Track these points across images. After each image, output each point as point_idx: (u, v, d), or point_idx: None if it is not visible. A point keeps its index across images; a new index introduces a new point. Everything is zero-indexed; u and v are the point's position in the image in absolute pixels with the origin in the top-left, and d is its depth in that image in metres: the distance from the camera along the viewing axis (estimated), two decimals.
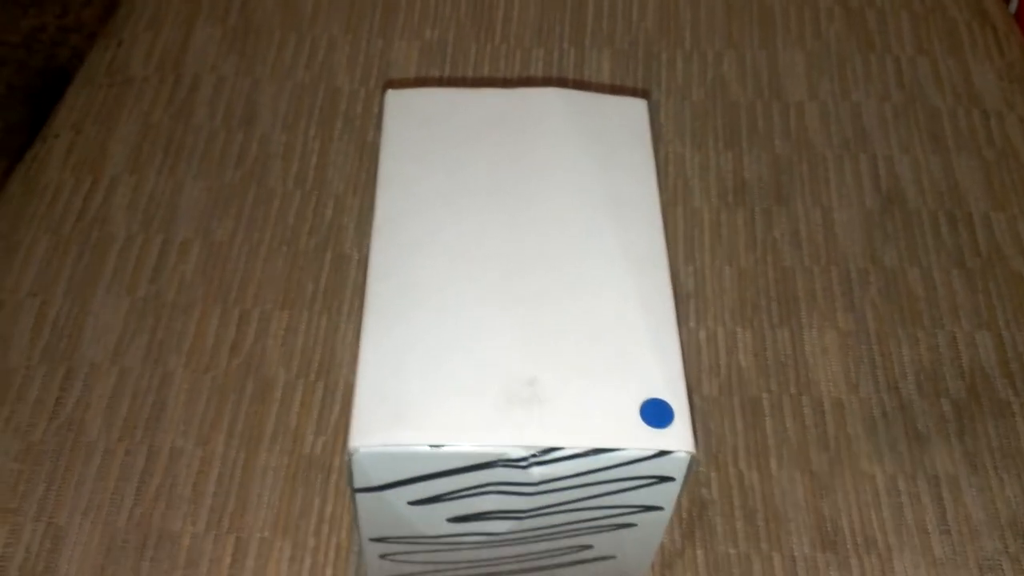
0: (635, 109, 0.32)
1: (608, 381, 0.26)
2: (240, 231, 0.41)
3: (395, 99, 0.31)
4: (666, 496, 0.26)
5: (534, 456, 0.25)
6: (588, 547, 0.28)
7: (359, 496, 0.26)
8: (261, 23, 0.48)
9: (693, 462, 0.25)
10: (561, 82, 0.47)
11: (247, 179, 0.43)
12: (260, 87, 0.46)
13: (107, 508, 0.33)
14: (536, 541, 0.28)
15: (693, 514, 0.34)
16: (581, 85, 0.47)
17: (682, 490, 0.26)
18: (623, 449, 0.24)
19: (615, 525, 0.27)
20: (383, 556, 0.28)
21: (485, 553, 0.28)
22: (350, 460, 0.25)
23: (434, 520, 0.27)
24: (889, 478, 0.35)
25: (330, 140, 0.44)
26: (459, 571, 0.29)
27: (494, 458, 0.25)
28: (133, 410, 0.35)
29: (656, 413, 0.25)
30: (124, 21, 0.49)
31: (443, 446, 0.24)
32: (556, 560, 0.29)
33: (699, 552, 0.33)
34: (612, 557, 0.29)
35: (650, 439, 0.25)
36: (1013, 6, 0.58)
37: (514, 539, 0.27)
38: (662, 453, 0.25)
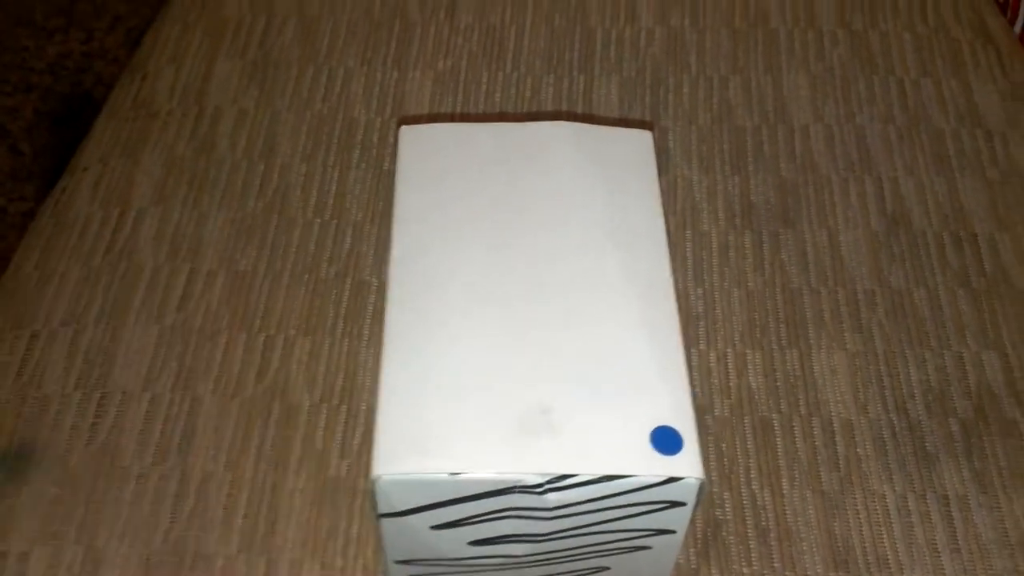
0: (640, 140, 0.33)
1: (619, 409, 0.27)
2: (263, 260, 0.42)
3: (409, 135, 0.33)
4: (678, 520, 0.27)
5: (549, 482, 0.26)
6: (605, 568, 0.29)
7: (383, 521, 0.27)
8: (279, 57, 0.50)
9: (703, 487, 0.26)
10: (570, 111, 0.48)
11: (268, 209, 0.44)
12: (280, 119, 0.47)
13: (143, 531, 0.34)
14: (554, 563, 0.29)
15: (707, 534, 0.35)
16: (590, 113, 0.48)
17: (694, 514, 0.27)
18: (634, 476, 0.26)
19: (630, 547, 0.28)
20: None
21: (506, 574, 0.29)
22: (374, 487, 0.26)
23: (456, 543, 0.28)
24: (899, 497, 0.36)
25: (348, 169, 0.46)
26: None
27: (511, 484, 0.26)
28: (165, 435, 0.37)
29: (666, 440, 0.26)
30: (148, 55, 0.51)
31: (462, 474, 0.26)
32: None
33: (714, 571, 0.34)
34: None
35: (660, 466, 0.26)
36: (1019, 26, 0.59)
37: (533, 561, 0.28)
38: (672, 479, 0.26)
